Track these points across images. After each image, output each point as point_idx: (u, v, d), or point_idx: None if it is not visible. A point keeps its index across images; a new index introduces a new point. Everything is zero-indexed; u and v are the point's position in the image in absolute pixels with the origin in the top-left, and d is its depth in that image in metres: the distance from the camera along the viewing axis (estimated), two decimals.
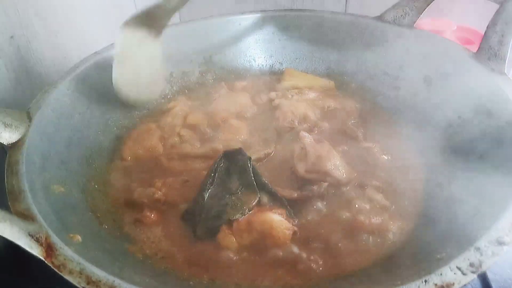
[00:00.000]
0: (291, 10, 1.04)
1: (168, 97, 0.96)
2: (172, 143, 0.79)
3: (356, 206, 0.65)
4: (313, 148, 0.70)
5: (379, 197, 0.67)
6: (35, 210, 0.51)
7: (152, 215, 0.66)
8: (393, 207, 0.66)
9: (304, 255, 0.59)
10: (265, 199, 0.64)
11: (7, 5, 0.75)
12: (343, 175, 0.68)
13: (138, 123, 0.88)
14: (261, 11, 1.02)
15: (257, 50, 1.03)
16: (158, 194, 0.67)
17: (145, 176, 0.74)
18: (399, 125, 0.84)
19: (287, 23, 1.01)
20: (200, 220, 0.61)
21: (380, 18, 0.93)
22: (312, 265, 0.58)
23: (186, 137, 0.81)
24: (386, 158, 0.74)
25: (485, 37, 0.75)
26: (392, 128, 0.83)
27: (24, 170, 0.57)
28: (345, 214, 0.65)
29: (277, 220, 0.61)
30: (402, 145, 0.78)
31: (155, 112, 0.91)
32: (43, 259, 0.46)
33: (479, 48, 0.76)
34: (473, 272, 0.44)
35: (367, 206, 0.65)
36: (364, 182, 0.69)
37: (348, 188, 0.68)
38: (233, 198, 0.64)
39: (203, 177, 0.67)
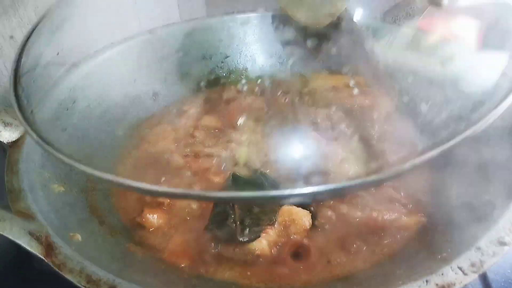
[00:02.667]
0: None
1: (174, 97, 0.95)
2: (186, 143, 0.79)
3: (370, 204, 0.65)
4: (317, 148, 0.71)
5: (396, 195, 0.66)
6: (35, 209, 0.51)
7: (155, 216, 0.65)
8: (410, 205, 0.66)
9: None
10: None
11: (6, 5, 0.75)
12: (341, 175, 0.68)
13: (139, 123, 0.88)
14: (262, 11, 1.02)
15: (257, 50, 1.03)
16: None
17: (152, 176, 0.73)
18: (400, 125, 0.84)
19: (287, 23, 1.01)
20: (237, 227, 0.61)
21: (380, 18, 0.93)
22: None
23: (200, 138, 0.81)
24: (393, 158, 0.74)
25: (486, 38, 0.75)
26: (394, 129, 0.83)
27: (24, 169, 0.57)
28: (359, 213, 0.65)
29: (295, 208, 0.63)
30: (403, 145, 0.78)
31: (155, 113, 0.91)
32: (43, 258, 0.46)
33: (479, 48, 0.76)
34: (474, 272, 0.44)
35: (382, 204, 0.65)
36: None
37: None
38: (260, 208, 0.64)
39: (213, 177, 0.69)
